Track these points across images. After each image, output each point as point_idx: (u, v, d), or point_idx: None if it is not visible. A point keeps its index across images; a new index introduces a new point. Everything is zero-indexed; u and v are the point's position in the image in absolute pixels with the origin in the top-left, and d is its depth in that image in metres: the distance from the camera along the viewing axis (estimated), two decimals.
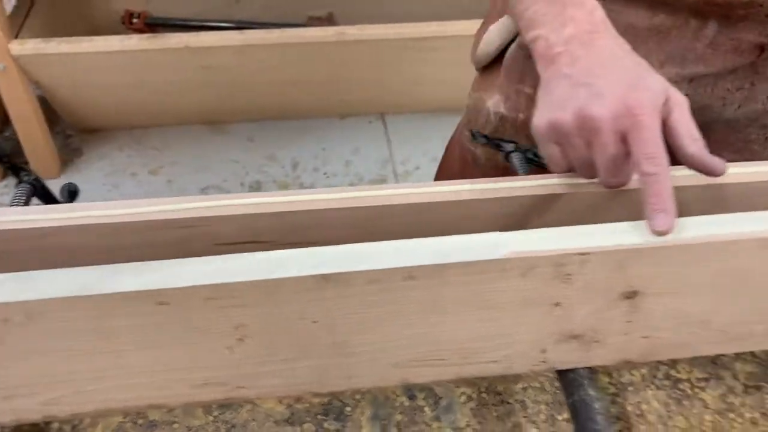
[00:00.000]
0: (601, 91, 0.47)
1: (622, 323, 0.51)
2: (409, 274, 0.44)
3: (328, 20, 2.04)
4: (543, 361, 0.53)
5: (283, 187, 1.82)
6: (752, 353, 0.67)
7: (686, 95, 0.67)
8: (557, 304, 0.49)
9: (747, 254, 0.47)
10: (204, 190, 1.83)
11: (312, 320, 0.47)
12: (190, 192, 1.80)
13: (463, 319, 0.49)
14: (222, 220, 0.53)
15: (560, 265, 0.46)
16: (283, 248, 0.45)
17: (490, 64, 0.76)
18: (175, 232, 0.53)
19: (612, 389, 0.63)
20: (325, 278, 0.43)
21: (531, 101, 0.69)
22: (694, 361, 0.66)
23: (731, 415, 0.61)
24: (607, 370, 0.65)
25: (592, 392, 0.53)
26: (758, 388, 0.64)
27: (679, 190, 0.47)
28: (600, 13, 0.52)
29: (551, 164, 0.53)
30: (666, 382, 0.64)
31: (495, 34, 0.74)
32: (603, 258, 0.46)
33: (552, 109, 0.50)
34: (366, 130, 2.02)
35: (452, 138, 0.91)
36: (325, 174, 1.88)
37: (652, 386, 0.64)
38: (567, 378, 0.54)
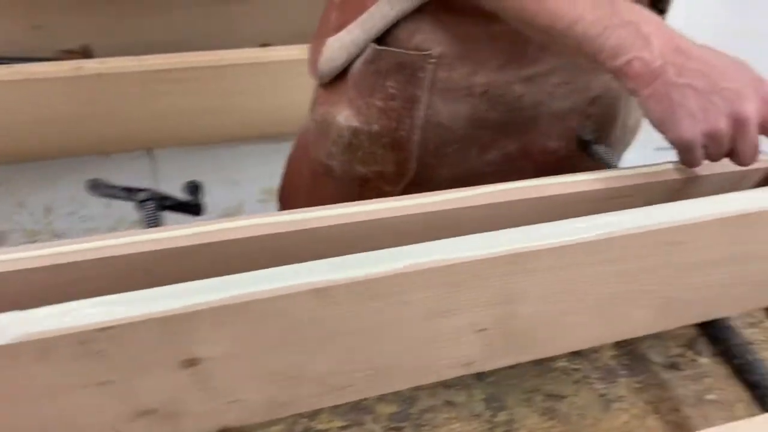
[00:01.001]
0: (740, 92, 0.53)
1: (196, 391, 0.47)
2: None
3: (83, 53, 1.91)
4: None
5: (33, 235, 1.66)
6: (396, 392, 0.66)
7: (522, 94, 0.72)
8: (105, 383, 0.43)
9: (299, 306, 0.44)
10: None
11: None
12: None
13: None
14: None
15: (85, 342, 0.40)
16: None
17: (334, 79, 0.76)
18: None
19: None
20: None
21: (383, 113, 0.73)
22: (336, 409, 0.63)
23: None
24: (241, 430, 0.61)
25: None
26: (398, 429, 0.63)
27: None
28: (659, 18, 0.56)
29: (691, 164, 0.58)
30: None
31: (338, 49, 0.73)
32: (134, 328, 0.41)
33: (699, 120, 0.53)
34: (132, 166, 1.90)
35: (293, 157, 0.90)
36: (81, 218, 1.74)
37: None
38: None
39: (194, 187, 0.68)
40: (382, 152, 0.76)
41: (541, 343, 0.58)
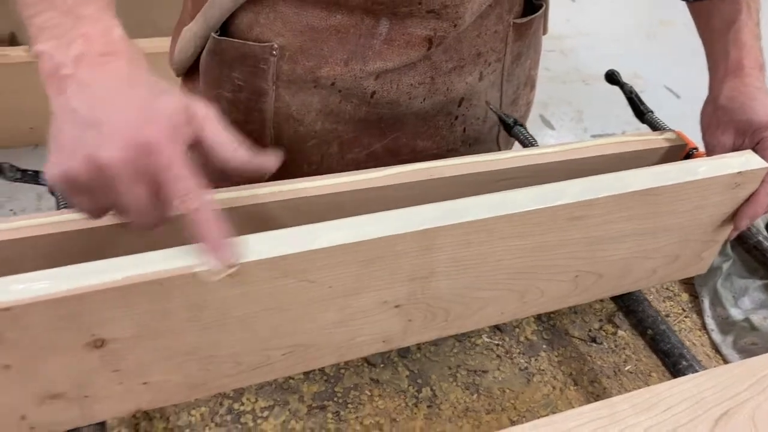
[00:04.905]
0: (110, 132, 0.41)
1: (109, 373, 0.47)
2: None
3: (10, 41, 1.85)
4: (32, 428, 0.47)
5: None
6: (322, 370, 0.66)
7: (374, 91, 0.69)
8: (7, 367, 0.43)
9: (205, 287, 0.45)
10: None
11: None
12: None
13: None
14: None
15: None
16: None
17: (191, 70, 0.74)
18: None
19: None
20: None
21: (232, 106, 0.71)
22: (261, 390, 0.64)
23: None
24: (164, 414, 0.61)
25: None
26: (323, 407, 0.63)
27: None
28: (118, 32, 0.45)
29: (85, 214, 0.45)
30: (228, 418, 0.61)
31: (188, 39, 0.71)
32: (35, 309, 0.41)
33: (62, 158, 0.41)
34: (30, 157, 1.83)
35: None
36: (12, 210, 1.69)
37: (212, 424, 0.60)
38: None
39: None
40: None
41: (457, 318, 0.59)
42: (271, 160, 0.48)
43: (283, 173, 0.74)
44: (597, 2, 3.21)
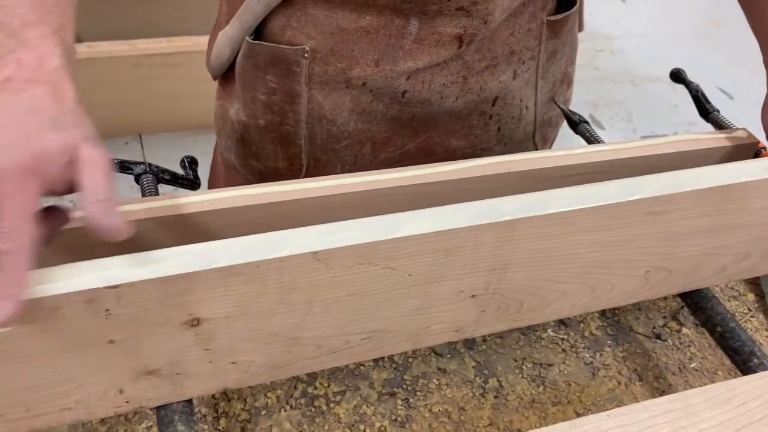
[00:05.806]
0: None
1: (200, 352, 0.49)
2: None
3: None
4: (127, 401, 0.50)
5: None
6: (390, 358, 0.68)
7: (405, 91, 0.70)
8: (111, 342, 0.45)
9: (297, 269, 0.46)
10: None
11: None
12: None
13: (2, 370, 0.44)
14: None
15: (92, 301, 0.42)
16: None
17: (228, 73, 0.76)
18: None
19: (244, 415, 0.61)
20: None
21: (267, 108, 0.73)
22: (333, 376, 0.65)
23: (362, 427, 0.61)
24: (242, 395, 0.63)
25: (181, 428, 0.50)
26: (392, 394, 0.64)
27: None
28: (55, 61, 0.44)
29: None
30: (302, 401, 0.63)
31: (224, 43, 0.73)
32: (138, 288, 0.43)
33: None
34: (121, 151, 1.91)
35: (216, 146, 0.92)
36: (72, 202, 1.74)
37: (287, 406, 0.62)
38: (159, 415, 0.51)
39: (191, 162, 0.70)
40: (272, 147, 0.75)
41: (529, 310, 0.60)
42: (124, 229, 0.43)
43: (317, 175, 0.74)
44: (647, 2, 3.17)
